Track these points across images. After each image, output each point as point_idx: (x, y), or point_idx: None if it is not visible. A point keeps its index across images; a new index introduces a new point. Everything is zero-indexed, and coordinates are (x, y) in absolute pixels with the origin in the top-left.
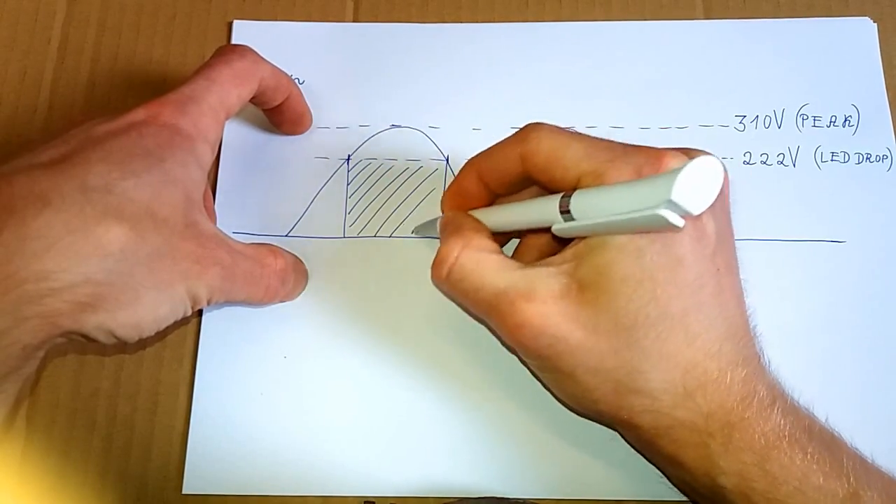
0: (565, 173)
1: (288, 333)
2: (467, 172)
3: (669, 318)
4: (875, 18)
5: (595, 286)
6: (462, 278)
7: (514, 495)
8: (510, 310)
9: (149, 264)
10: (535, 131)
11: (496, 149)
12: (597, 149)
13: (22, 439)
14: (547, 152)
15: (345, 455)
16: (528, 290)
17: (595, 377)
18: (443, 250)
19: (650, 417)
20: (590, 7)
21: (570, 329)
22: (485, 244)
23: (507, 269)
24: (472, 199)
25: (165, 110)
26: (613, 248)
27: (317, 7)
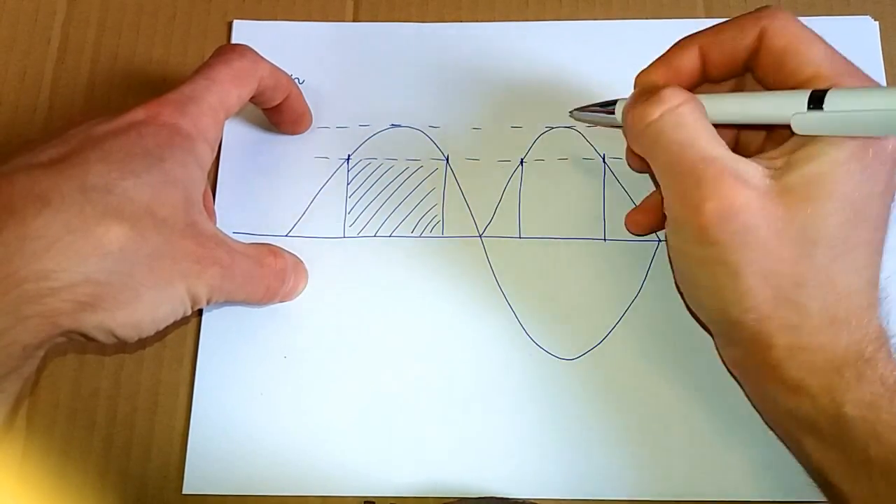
0: (799, 67)
1: (288, 333)
2: (685, 45)
3: (849, 244)
4: (876, 17)
5: (799, 193)
6: (673, 128)
7: (514, 495)
8: (715, 180)
9: (148, 264)
10: (782, 13)
11: (731, 23)
12: (837, 58)
13: (22, 439)
14: (790, 38)
15: (344, 455)
16: (738, 170)
17: (760, 280)
18: (665, 92)
19: (791, 335)
20: (590, 6)
21: (764, 224)
22: (705, 113)
23: (723, 144)
24: (681, 78)
25: (165, 110)
26: (831, 161)
27: (316, 7)
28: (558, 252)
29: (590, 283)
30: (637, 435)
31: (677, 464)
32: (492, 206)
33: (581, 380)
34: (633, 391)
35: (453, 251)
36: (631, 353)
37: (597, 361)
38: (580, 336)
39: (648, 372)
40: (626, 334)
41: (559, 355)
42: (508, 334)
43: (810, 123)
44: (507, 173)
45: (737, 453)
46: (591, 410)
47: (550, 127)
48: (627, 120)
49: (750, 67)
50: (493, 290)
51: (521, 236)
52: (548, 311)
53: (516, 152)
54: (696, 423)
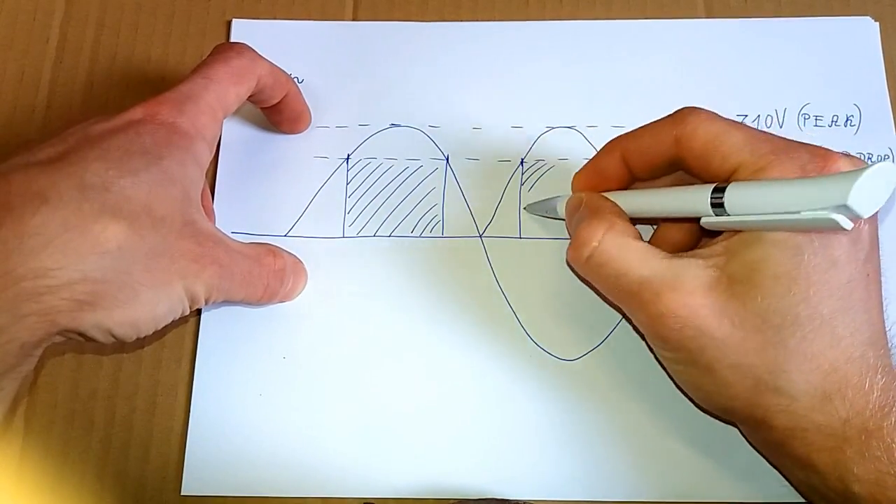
0: (723, 162)
1: (287, 334)
2: (609, 151)
3: (818, 319)
4: (876, 18)
5: (746, 281)
6: (604, 263)
7: (514, 496)
8: (655, 299)
9: (146, 262)
10: (694, 114)
11: (647, 129)
12: (758, 140)
13: (20, 440)
14: (705, 137)
15: (344, 456)
16: (674, 280)
17: (735, 373)
18: (584, 232)
19: (786, 418)
20: (591, 5)
21: (717, 323)
22: (628, 229)
23: (653, 257)
24: (609, 181)
25: (163, 109)
26: (770, 244)
27: (316, 5)
28: (558, 252)
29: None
30: (637, 436)
31: (677, 464)
32: (492, 206)
33: (581, 380)
34: (634, 392)
35: (453, 251)
36: (631, 354)
37: (597, 362)
38: (580, 337)
39: (649, 373)
40: (627, 335)
41: (559, 356)
42: (509, 335)
43: (722, 224)
44: (507, 173)
45: (736, 454)
46: (592, 411)
47: (550, 127)
48: (567, 259)
49: (679, 167)
50: (493, 290)
51: (521, 236)
52: (548, 312)
53: (516, 152)
54: (697, 424)
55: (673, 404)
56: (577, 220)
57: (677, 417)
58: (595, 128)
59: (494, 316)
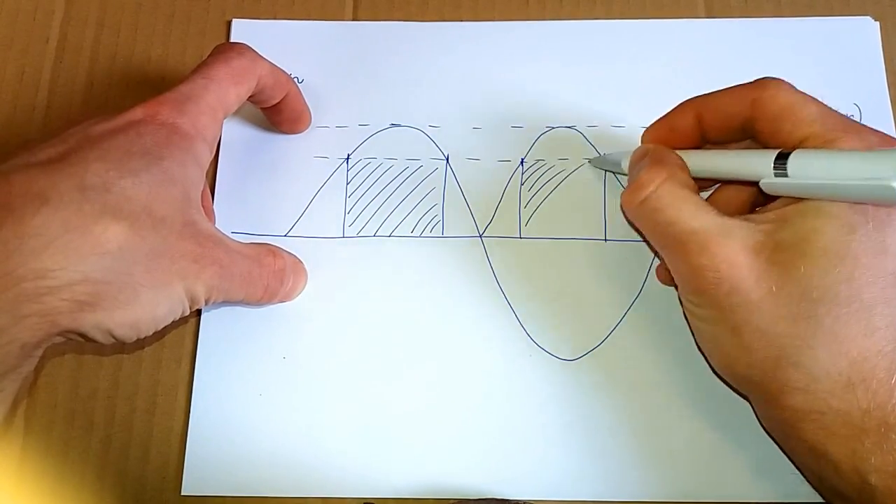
0: (794, 129)
1: (287, 334)
2: (685, 108)
3: (857, 303)
4: (876, 17)
5: (794, 250)
6: (658, 208)
7: (514, 496)
8: (699, 251)
9: (147, 263)
10: (775, 81)
11: (726, 91)
12: (832, 116)
13: (20, 440)
14: (782, 104)
15: (344, 456)
16: (722, 236)
17: (760, 339)
18: (643, 176)
19: (802, 398)
20: (590, 6)
21: (755, 284)
22: (687, 181)
23: (705, 211)
24: (679, 138)
25: (164, 109)
26: (825, 216)
27: (316, 5)
28: (558, 252)
29: (590, 284)
30: (638, 436)
31: (678, 465)
32: (492, 206)
33: (582, 380)
34: (634, 392)
35: (453, 251)
36: (632, 353)
37: (597, 362)
38: (581, 336)
39: (649, 373)
40: (627, 335)
41: (560, 356)
42: (509, 335)
43: (780, 188)
44: (507, 173)
45: (738, 454)
46: (592, 411)
47: (551, 127)
48: (621, 202)
49: (750, 133)
50: (493, 290)
51: (521, 236)
52: (548, 312)
53: (516, 152)
54: (697, 424)
55: (673, 404)
56: (640, 167)
57: (677, 417)
58: (595, 128)
59: (494, 316)
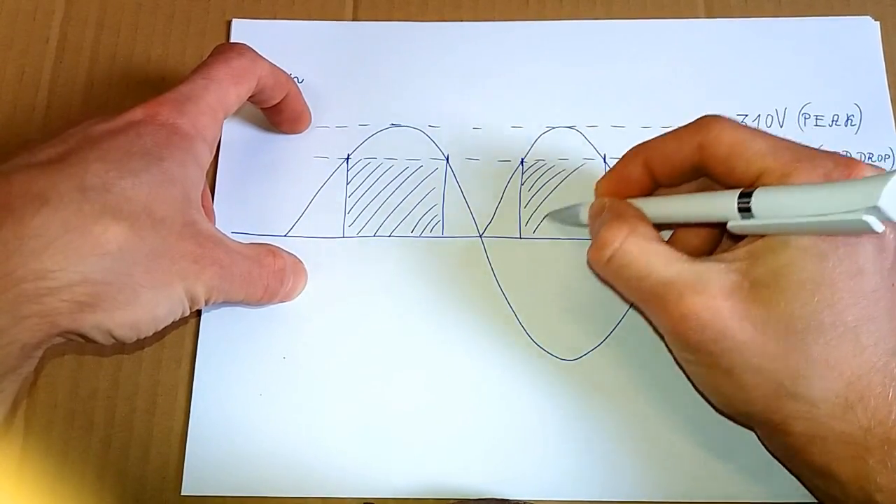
0: (747, 168)
1: (287, 334)
2: (632, 158)
3: (842, 327)
4: (876, 17)
5: (771, 286)
6: (626, 265)
7: (514, 496)
8: (677, 301)
9: (147, 264)
10: (717, 121)
11: (670, 136)
12: (781, 147)
13: (20, 440)
14: (729, 144)
15: (344, 456)
16: (697, 282)
17: (755, 377)
18: (605, 234)
19: (805, 425)
20: (590, 6)
21: (739, 326)
22: (650, 232)
23: (675, 259)
24: (631, 187)
25: (164, 109)
26: (795, 249)
27: (316, 5)
28: (558, 252)
29: (590, 284)
30: (637, 436)
31: (678, 465)
32: (492, 206)
33: (581, 381)
34: (634, 392)
35: (453, 251)
36: (631, 354)
37: (597, 362)
38: (581, 337)
39: (649, 373)
40: (627, 335)
41: (560, 356)
42: (509, 335)
43: (747, 228)
44: (507, 173)
45: (738, 454)
46: (592, 411)
47: (551, 127)
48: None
49: (702, 173)
50: (493, 290)
51: (521, 236)
52: (548, 312)
53: (516, 152)
54: (698, 424)
55: (673, 404)
56: (600, 224)
57: (677, 417)
58: (595, 128)
59: (494, 316)
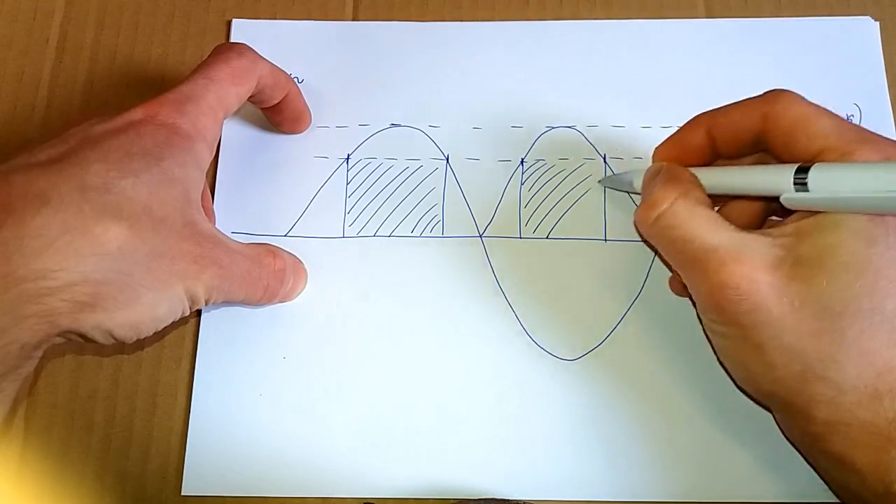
0: (808, 143)
1: (287, 334)
2: (695, 125)
3: (880, 315)
4: (876, 17)
5: (814, 265)
6: (673, 226)
7: (514, 496)
8: (718, 268)
9: (147, 264)
10: (785, 94)
11: (736, 105)
12: (845, 127)
13: (20, 440)
14: (795, 117)
15: (344, 456)
16: (741, 252)
17: (784, 355)
18: (657, 194)
19: (828, 410)
20: (590, 6)
21: (776, 301)
22: (702, 197)
23: (722, 227)
24: (690, 154)
25: (164, 109)
26: (846, 230)
27: (316, 5)
28: (558, 252)
29: (590, 284)
30: (638, 435)
31: (679, 465)
32: (492, 206)
33: (582, 380)
34: (635, 392)
35: (453, 251)
36: (632, 353)
37: (598, 362)
38: (581, 336)
39: (650, 372)
40: (628, 335)
41: (560, 356)
42: (509, 335)
43: (801, 202)
44: (507, 173)
45: (739, 454)
46: (592, 411)
47: (551, 127)
48: (634, 220)
49: (763, 146)
50: (493, 290)
51: (521, 236)
52: (548, 312)
53: (516, 152)
54: (698, 424)
55: (673, 404)
56: (653, 185)
57: (677, 417)
58: (595, 128)
59: (494, 316)
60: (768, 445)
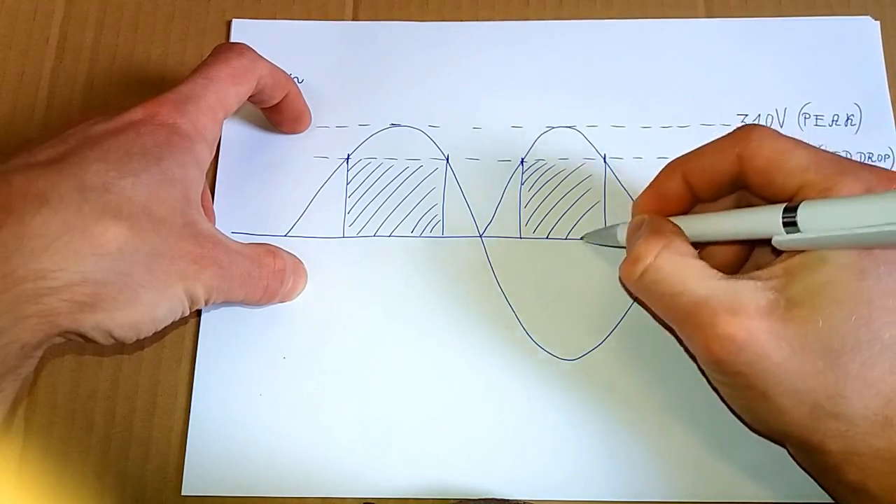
0: (787, 180)
1: (287, 334)
2: (670, 173)
3: (878, 345)
4: (876, 17)
5: (807, 305)
6: (659, 280)
7: (514, 496)
8: (712, 321)
9: (146, 264)
10: (756, 132)
11: (709, 148)
12: (823, 159)
13: (20, 440)
14: (769, 155)
15: (344, 456)
16: (732, 302)
17: (792, 399)
18: (640, 248)
19: (842, 443)
20: (591, 5)
21: (776, 347)
22: (685, 248)
23: (710, 277)
24: (670, 203)
25: (163, 109)
26: (834, 266)
27: (316, 5)
28: (559, 252)
29: (591, 284)
30: (637, 436)
31: (678, 465)
32: (492, 206)
33: (582, 380)
34: (634, 392)
35: (453, 251)
36: (632, 353)
37: (598, 362)
38: (581, 337)
39: (649, 373)
40: (628, 335)
41: (560, 356)
42: (509, 335)
43: (793, 243)
44: (507, 173)
45: (738, 454)
46: (592, 411)
47: (551, 127)
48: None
49: (741, 186)
50: (493, 290)
51: (521, 236)
52: (548, 312)
53: (516, 152)
54: (697, 424)
55: (674, 404)
56: (635, 239)
57: (677, 417)
58: (595, 128)
59: (494, 316)
60: (768, 445)
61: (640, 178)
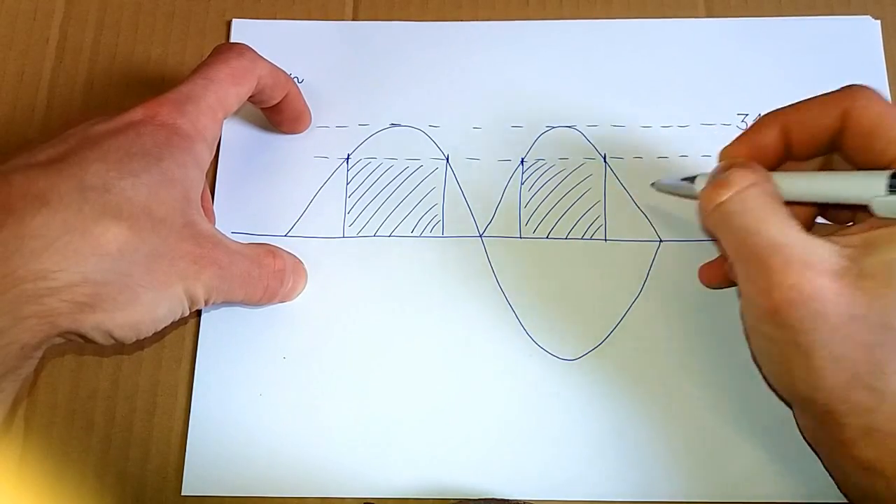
0: (887, 146)
1: (287, 334)
2: (768, 123)
3: None
4: (877, 17)
5: (880, 278)
6: (740, 212)
7: (514, 495)
8: (783, 267)
9: (146, 264)
10: (865, 92)
11: (814, 101)
12: None
13: (20, 440)
14: (876, 116)
15: (344, 456)
16: (808, 255)
17: (833, 363)
18: (732, 176)
19: (867, 418)
20: (590, 5)
21: (835, 310)
22: (776, 193)
23: (792, 227)
24: (763, 154)
25: (163, 110)
26: None
27: (316, 5)
28: (558, 252)
29: (590, 284)
30: (637, 436)
31: (678, 465)
32: (492, 206)
33: (582, 380)
34: (634, 392)
35: (453, 251)
36: (632, 353)
37: (598, 362)
38: (581, 336)
39: (649, 373)
40: (628, 335)
41: (560, 356)
42: (509, 335)
43: (891, 207)
44: (507, 173)
45: (739, 454)
46: (592, 411)
47: (551, 127)
48: (700, 202)
49: (836, 147)
50: (493, 290)
51: (521, 236)
52: (548, 312)
53: (516, 152)
54: (698, 424)
55: (673, 404)
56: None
57: (677, 417)
58: (595, 127)
59: (494, 316)
60: (769, 446)
61: (640, 178)
